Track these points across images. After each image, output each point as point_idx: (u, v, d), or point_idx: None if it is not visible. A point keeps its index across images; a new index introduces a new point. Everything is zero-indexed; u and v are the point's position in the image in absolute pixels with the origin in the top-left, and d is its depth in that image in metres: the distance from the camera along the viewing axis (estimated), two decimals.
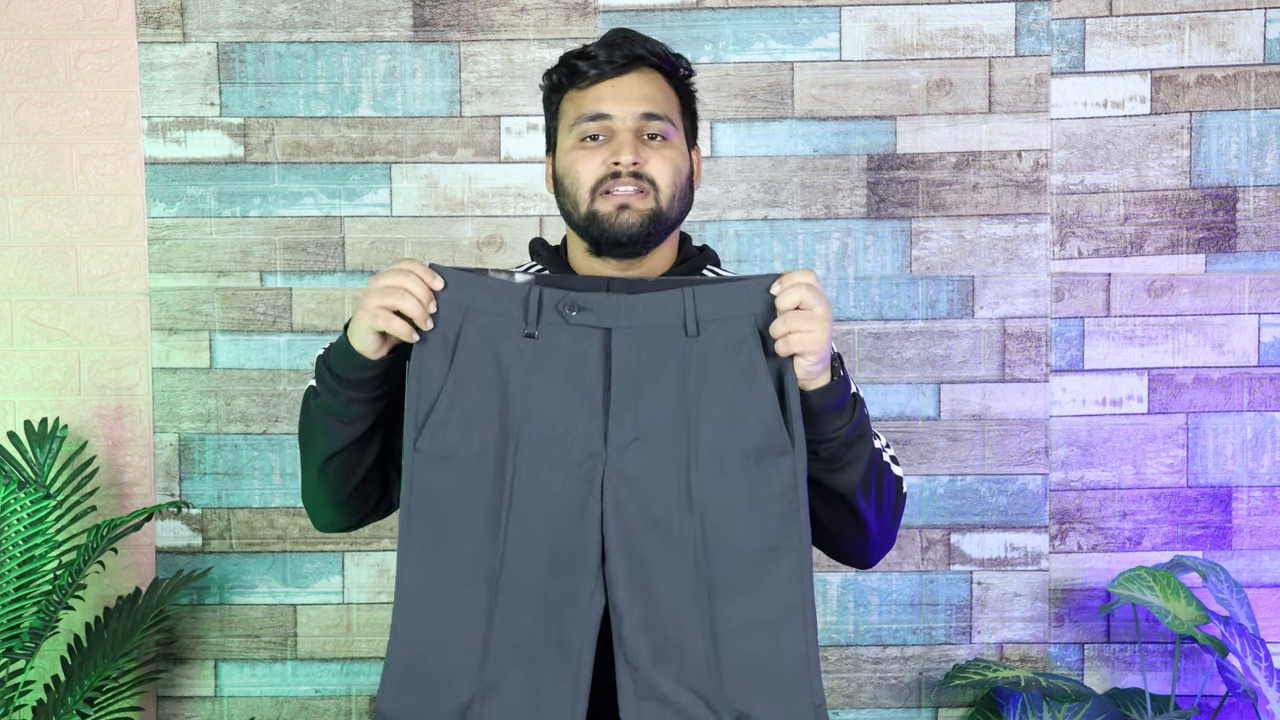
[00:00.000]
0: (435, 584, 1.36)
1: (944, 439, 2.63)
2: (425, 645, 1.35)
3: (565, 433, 1.36)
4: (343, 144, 2.61)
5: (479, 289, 1.38)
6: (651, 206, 1.49)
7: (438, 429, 1.36)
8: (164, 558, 2.64)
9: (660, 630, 1.34)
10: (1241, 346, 2.62)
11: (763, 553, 1.35)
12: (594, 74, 1.51)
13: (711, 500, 1.35)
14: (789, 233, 2.61)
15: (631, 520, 1.35)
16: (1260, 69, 2.59)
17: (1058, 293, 2.62)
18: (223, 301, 2.62)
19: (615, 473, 1.35)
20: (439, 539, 1.36)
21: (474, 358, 1.37)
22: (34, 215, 2.63)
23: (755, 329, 1.37)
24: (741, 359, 1.36)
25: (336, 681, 2.65)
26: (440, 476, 1.36)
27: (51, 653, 2.53)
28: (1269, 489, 2.63)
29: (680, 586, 1.35)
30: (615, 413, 1.36)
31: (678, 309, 1.37)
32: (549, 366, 1.37)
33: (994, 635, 2.64)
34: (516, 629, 1.35)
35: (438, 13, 2.60)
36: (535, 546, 1.36)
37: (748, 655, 1.34)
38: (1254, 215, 2.60)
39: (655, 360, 1.36)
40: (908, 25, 2.60)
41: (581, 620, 1.34)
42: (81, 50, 2.61)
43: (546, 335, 1.37)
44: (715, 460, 1.35)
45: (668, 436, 1.36)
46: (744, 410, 1.35)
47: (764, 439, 1.35)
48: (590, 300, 1.37)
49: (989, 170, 2.60)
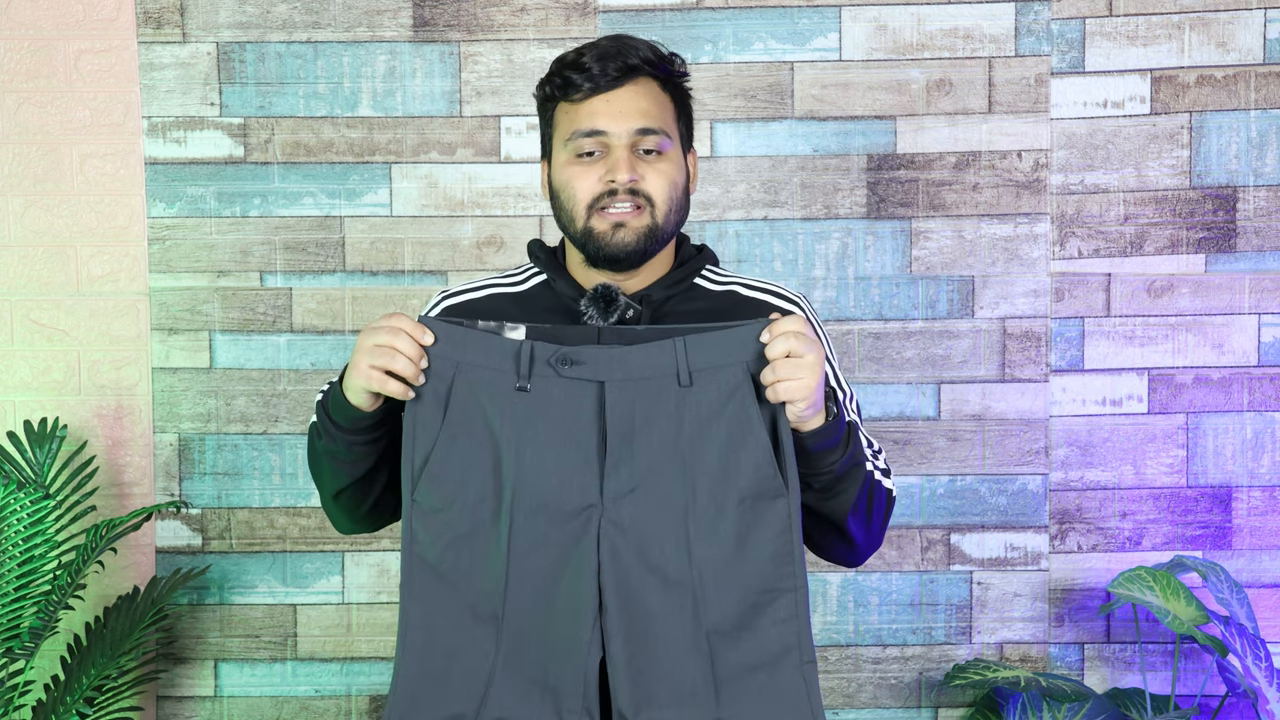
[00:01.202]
0: (437, 630, 1.38)
1: (944, 439, 2.63)
2: (429, 689, 1.37)
3: (560, 485, 1.37)
4: (343, 144, 2.61)
5: (470, 343, 1.38)
6: (647, 223, 1.49)
7: (433, 482, 1.37)
8: (164, 558, 2.64)
9: (658, 679, 1.36)
10: (1241, 346, 2.62)
11: (759, 596, 1.36)
12: (588, 87, 1.50)
13: (708, 546, 1.36)
14: (789, 233, 2.61)
15: (629, 570, 1.36)
16: (1260, 69, 2.59)
17: (1058, 293, 2.62)
18: (223, 301, 2.62)
19: (611, 524, 1.36)
20: (440, 586, 1.38)
21: (467, 411, 1.38)
22: (34, 215, 2.63)
23: (747, 375, 1.37)
24: (734, 406, 1.36)
25: (336, 681, 2.65)
26: (437, 527, 1.38)
27: (51, 653, 2.53)
28: (1269, 489, 2.63)
29: (680, 634, 1.36)
30: (610, 464, 1.36)
31: (669, 359, 1.37)
32: (542, 420, 1.37)
33: (994, 635, 2.64)
34: (519, 679, 1.36)
35: (438, 13, 2.60)
36: (535, 598, 1.37)
37: (748, 696, 1.36)
38: (1254, 215, 2.60)
39: (649, 411, 1.37)
40: (908, 25, 2.60)
41: (581, 672, 1.35)
42: (81, 50, 2.61)
43: (539, 388, 1.37)
44: (711, 507, 1.36)
45: (663, 486, 1.36)
46: (738, 456, 1.36)
47: (758, 484, 1.36)
48: (582, 354, 1.37)
49: (989, 170, 2.60)
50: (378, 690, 2.65)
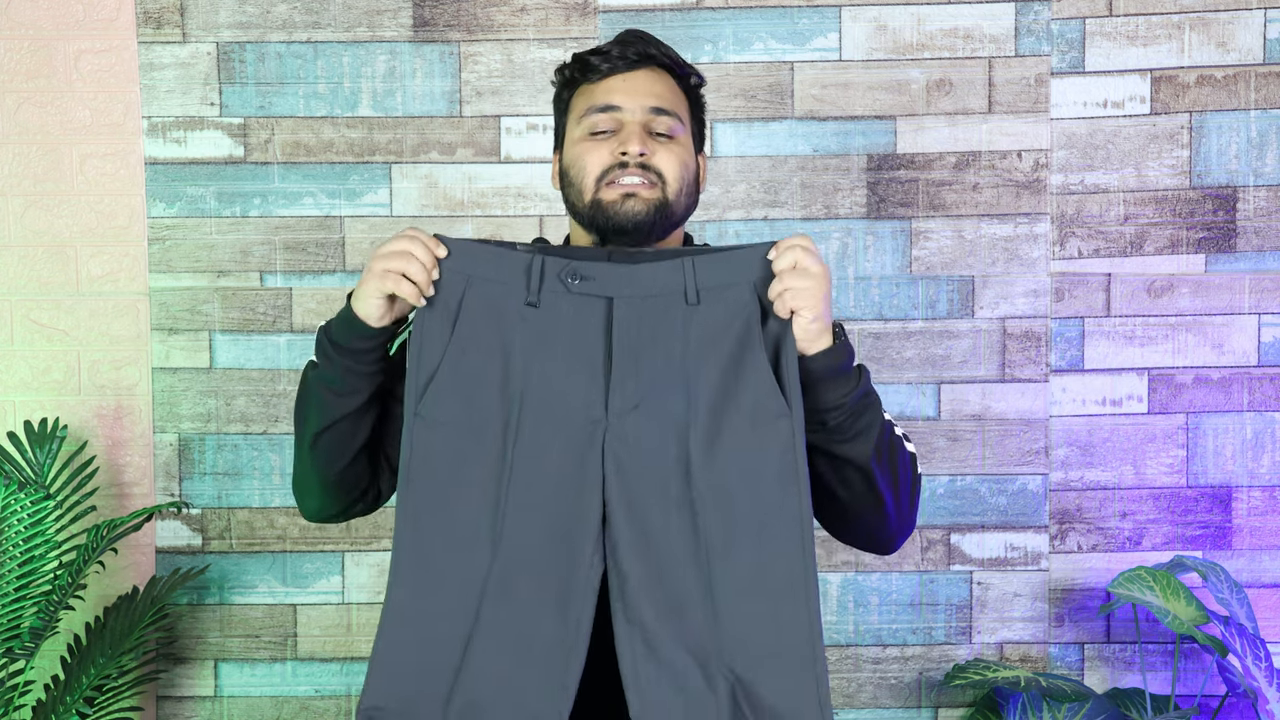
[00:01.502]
0: (432, 547, 1.37)
1: (944, 439, 2.63)
2: (420, 609, 1.36)
3: (566, 400, 1.37)
4: (343, 144, 2.61)
5: (482, 257, 1.39)
6: (658, 196, 1.50)
7: (439, 395, 1.37)
8: (164, 558, 2.64)
9: (662, 592, 1.35)
10: (1241, 346, 2.62)
11: (761, 515, 1.36)
12: (606, 68, 1.53)
13: (710, 464, 1.36)
14: (789, 233, 2.60)
15: (632, 485, 1.36)
16: (1260, 69, 2.59)
17: (1058, 293, 2.62)
18: (223, 301, 2.62)
19: (616, 439, 1.36)
20: (437, 504, 1.37)
21: (476, 325, 1.38)
22: (34, 215, 2.63)
23: (754, 296, 1.38)
24: (739, 326, 1.37)
25: (336, 681, 2.65)
26: (440, 442, 1.37)
27: (51, 653, 2.53)
28: (1269, 489, 2.63)
29: (680, 550, 1.35)
30: (616, 380, 1.37)
31: (678, 278, 1.38)
32: (550, 334, 1.38)
33: (994, 635, 2.64)
34: (514, 594, 1.36)
35: (438, 13, 2.60)
36: (535, 512, 1.36)
37: (747, 621, 1.35)
38: (1254, 215, 2.60)
39: (656, 328, 1.38)
40: (908, 25, 2.60)
41: (581, 585, 1.35)
42: (81, 50, 2.61)
43: (548, 304, 1.38)
44: (714, 424, 1.36)
45: (667, 403, 1.37)
46: (740, 375, 1.37)
47: (760, 403, 1.36)
48: (592, 269, 1.38)
49: (989, 170, 2.60)
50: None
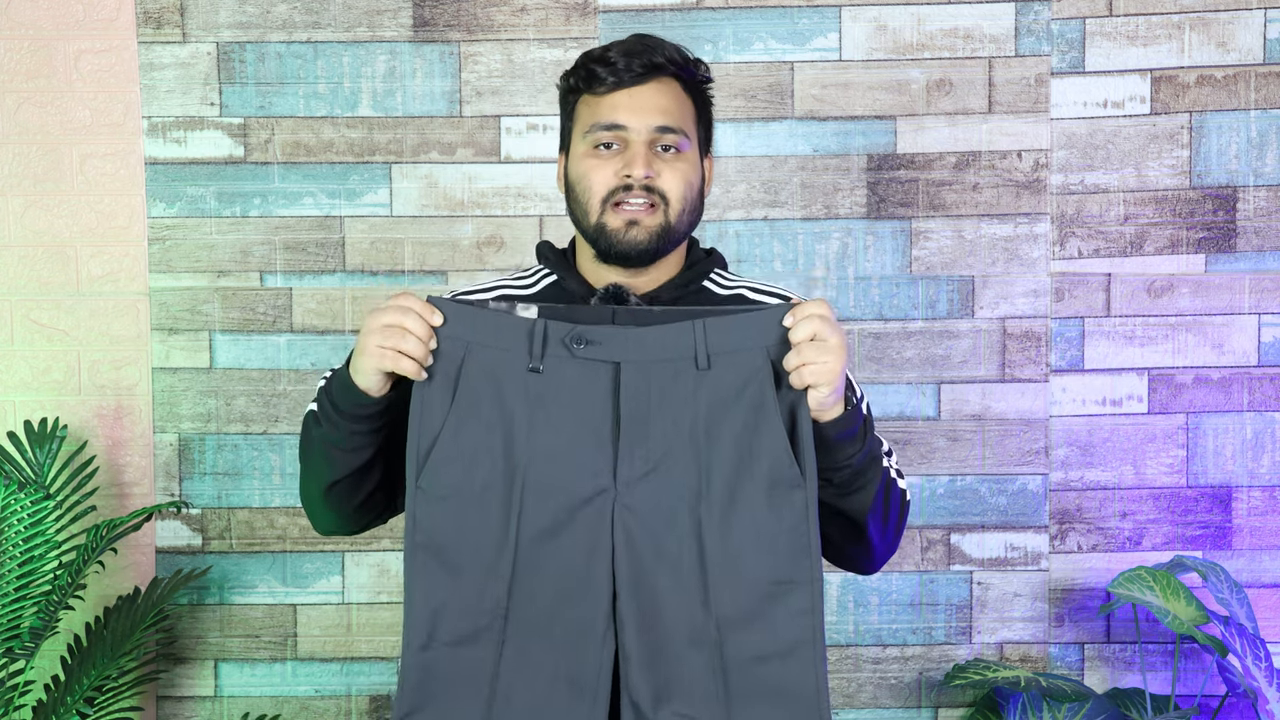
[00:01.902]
0: (442, 621, 1.35)
1: (944, 439, 2.63)
2: (434, 682, 1.35)
3: (573, 468, 1.34)
4: (343, 144, 2.61)
5: (481, 323, 1.35)
6: (660, 222, 1.49)
7: (439, 466, 1.34)
8: (164, 558, 2.64)
9: (666, 668, 1.34)
10: (1241, 346, 2.62)
11: (773, 586, 1.35)
12: (611, 81, 1.50)
13: (722, 534, 1.34)
14: (789, 233, 2.61)
15: (642, 556, 1.34)
16: (1260, 69, 2.59)
17: (1058, 293, 2.62)
18: (223, 301, 2.62)
19: (625, 508, 1.34)
20: (444, 576, 1.35)
21: (476, 393, 1.35)
22: (34, 215, 2.63)
23: (767, 360, 1.34)
24: (752, 392, 1.34)
25: (336, 681, 2.65)
26: (443, 514, 1.35)
27: (51, 653, 2.53)
28: (1269, 489, 2.63)
29: (688, 621, 1.34)
30: (625, 447, 1.34)
31: (688, 341, 1.34)
32: (555, 401, 1.34)
33: (994, 635, 2.64)
34: (527, 668, 1.34)
35: (438, 13, 2.60)
36: (544, 584, 1.34)
37: (756, 688, 1.34)
38: (1254, 215, 2.60)
39: (665, 394, 1.34)
40: (908, 25, 2.60)
41: (595, 660, 1.34)
42: (81, 50, 2.61)
43: (552, 369, 1.34)
44: (726, 494, 1.34)
45: (678, 471, 1.34)
46: (755, 444, 1.34)
47: (775, 472, 1.34)
48: (597, 333, 1.34)
49: (989, 170, 2.60)
50: (378, 690, 2.65)
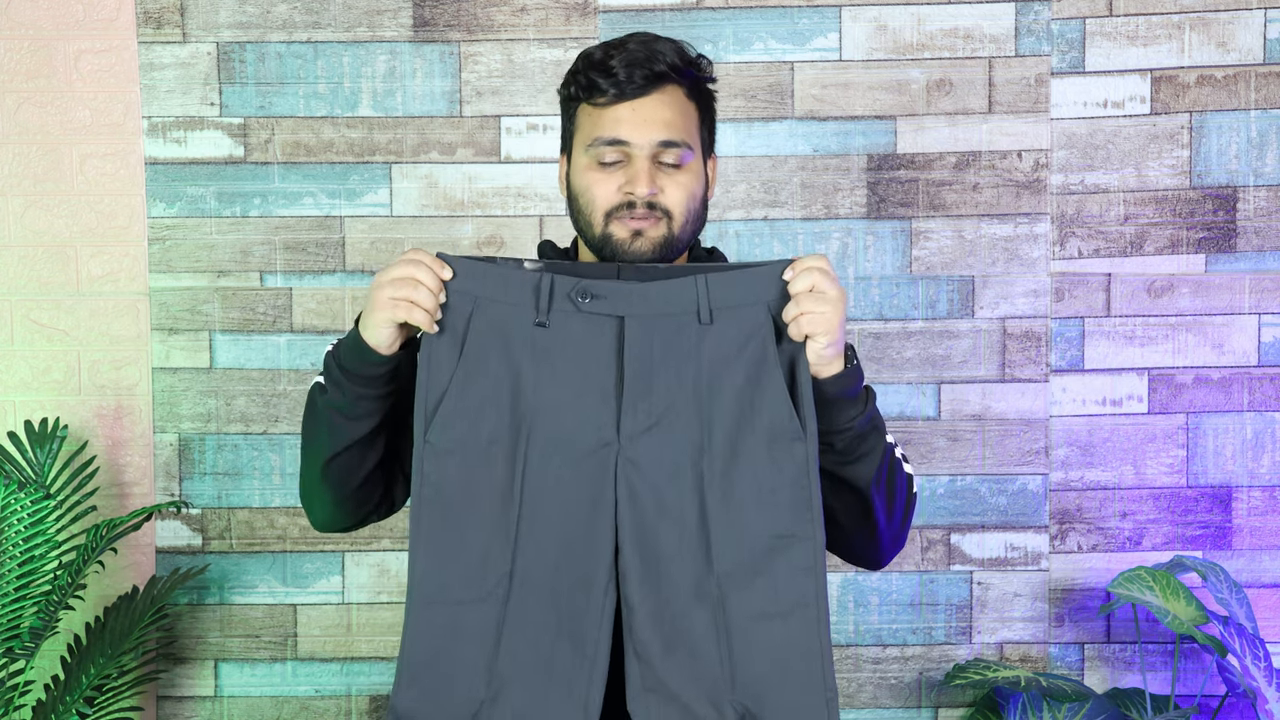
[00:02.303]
0: (447, 577, 1.35)
1: (944, 439, 2.63)
2: (438, 639, 1.35)
3: (577, 422, 1.35)
4: (343, 144, 2.61)
5: (489, 277, 1.37)
6: (664, 234, 1.48)
7: (447, 420, 1.35)
8: (164, 557, 2.64)
9: (671, 622, 1.34)
10: (1241, 346, 2.62)
11: (774, 540, 1.35)
12: (613, 93, 1.47)
13: (723, 488, 1.35)
14: (789, 233, 2.61)
15: (644, 510, 1.35)
16: (1260, 69, 2.59)
17: (1058, 293, 2.62)
18: (223, 301, 2.62)
19: (628, 462, 1.35)
20: (450, 531, 1.36)
21: (483, 347, 1.36)
22: (34, 215, 2.63)
23: (769, 315, 1.36)
24: (754, 346, 1.36)
25: (336, 681, 2.65)
26: (450, 468, 1.36)
27: (51, 653, 2.53)
28: (1269, 489, 2.62)
29: (691, 576, 1.34)
30: (628, 401, 1.35)
31: (690, 296, 1.36)
32: (560, 355, 1.36)
33: (994, 635, 2.64)
34: (530, 622, 1.35)
35: (438, 13, 2.60)
36: (548, 538, 1.35)
37: (759, 646, 1.34)
38: (1254, 215, 2.60)
39: (668, 348, 1.36)
40: (908, 25, 2.60)
41: (595, 612, 1.34)
42: (81, 50, 2.61)
43: (558, 323, 1.36)
44: (727, 447, 1.35)
45: (680, 424, 1.35)
46: (756, 397, 1.35)
47: (776, 426, 1.34)
48: (602, 288, 1.36)
49: (989, 170, 2.60)
50: (378, 690, 2.65)
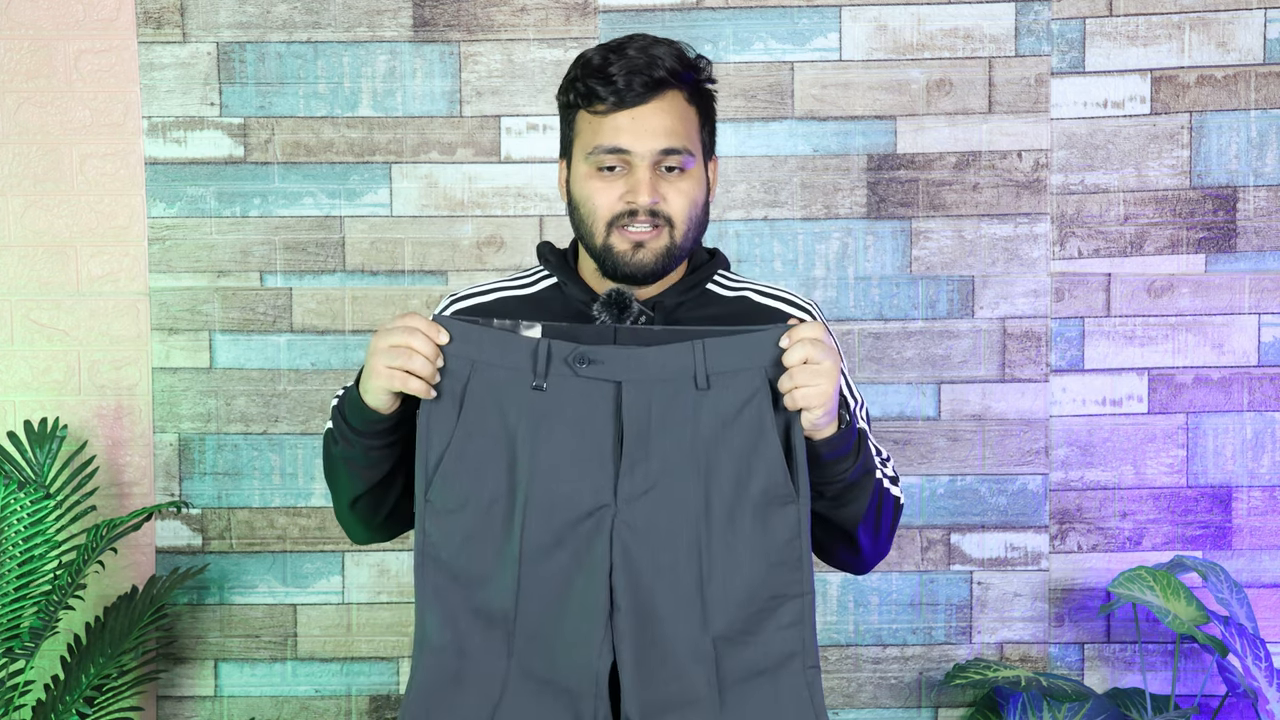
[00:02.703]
0: (451, 629, 1.37)
1: (944, 439, 2.63)
2: (443, 690, 1.37)
3: (574, 484, 1.36)
4: (343, 144, 2.61)
5: (486, 341, 1.38)
6: (666, 244, 1.49)
7: (447, 481, 1.37)
8: (164, 557, 2.64)
9: (665, 683, 1.36)
10: (1241, 346, 2.62)
11: (767, 601, 1.36)
12: (612, 101, 1.46)
13: (719, 552, 1.36)
14: (789, 233, 2.61)
15: (640, 572, 1.36)
16: (1260, 69, 2.59)
17: (1058, 293, 2.62)
18: (223, 301, 2.62)
19: (624, 525, 1.36)
20: (452, 586, 1.38)
21: (481, 410, 1.37)
22: (34, 215, 2.63)
23: (765, 381, 1.37)
24: (750, 411, 1.36)
25: (336, 681, 2.65)
26: (450, 528, 1.38)
27: (51, 652, 2.53)
28: (1269, 489, 2.62)
29: (687, 637, 1.36)
30: (626, 465, 1.36)
31: (687, 362, 1.37)
32: (558, 418, 1.37)
33: (994, 635, 2.64)
34: (532, 679, 1.36)
35: (438, 13, 2.60)
36: (547, 598, 1.37)
37: (750, 704, 1.36)
38: (1254, 215, 2.60)
39: (665, 412, 1.37)
40: (908, 25, 2.60)
41: (593, 672, 1.35)
42: (81, 50, 2.61)
43: (555, 387, 1.37)
44: (724, 512, 1.36)
45: (677, 488, 1.36)
46: (753, 462, 1.36)
47: (770, 489, 1.36)
48: (600, 353, 1.37)
49: (989, 170, 2.60)
50: (378, 690, 2.65)
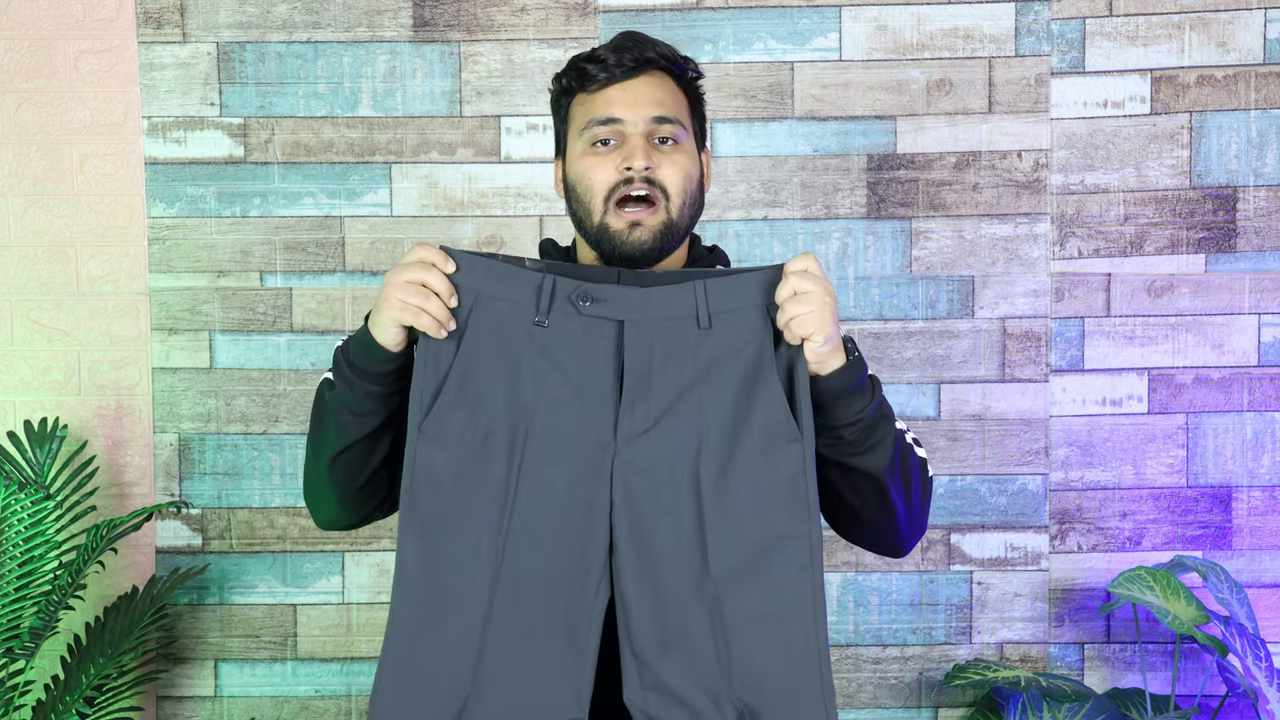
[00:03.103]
0: (435, 566, 1.36)
1: (944, 439, 2.63)
2: (424, 629, 1.35)
3: (575, 422, 1.36)
4: (343, 144, 2.61)
5: (490, 274, 1.38)
6: (663, 219, 1.49)
7: (444, 411, 1.36)
8: (164, 557, 2.64)
9: (667, 622, 1.35)
10: (1241, 346, 2.62)
11: (771, 541, 1.36)
12: (603, 77, 1.50)
13: (720, 489, 1.36)
14: (789, 233, 2.61)
15: (641, 511, 1.35)
16: (1260, 69, 2.59)
17: (1058, 293, 2.62)
18: (223, 301, 2.62)
19: (625, 463, 1.36)
20: (440, 521, 1.36)
21: (483, 343, 1.37)
22: (34, 215, 2.63)
23: (766, 319, 1.38)
24: (751, 349, 1.37)
25: (336, 681, 2.65)
26: (444, 458, 1.36)
27: (51, 653, 2.53)
28: (1269, 489, 2.63)
29: (688, 577, 1.35)
30: (626, 404, 1.36)
31: (689, 301, 1.38)
32: (559, 355, 1.37)
33: (994, 635, 2.64)
34: (518, 617, 1.35)
35: (438, 13, 2.60)
36: (540, 535, 1.36)
37: (756, 647, 1.35)
38: (1254, 215, 2.60)
39: (667, 352, 1.37)
40: (908, 25, 2.60)
41: (587, 610, 1.35)
42: (81, 50, 2.61)
43: (557, 324, 1.37)
44: (724, 449, 1.36)
45: (678, 427, 1.36)
46: (753, 400, 1.36)
47: (772, 428, 1.36)
48: (603, 292, 1.37)
49: (989, 170, 2.60)
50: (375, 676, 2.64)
